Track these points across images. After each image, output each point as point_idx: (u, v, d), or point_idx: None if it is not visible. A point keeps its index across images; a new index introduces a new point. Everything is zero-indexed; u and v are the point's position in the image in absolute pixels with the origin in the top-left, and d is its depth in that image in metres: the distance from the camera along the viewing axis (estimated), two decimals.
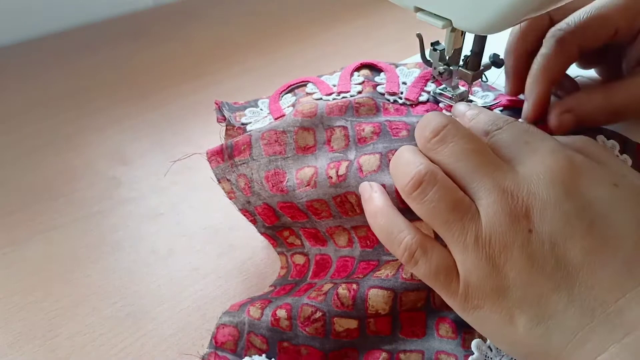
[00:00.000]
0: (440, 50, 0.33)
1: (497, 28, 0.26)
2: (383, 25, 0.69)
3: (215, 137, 0.51)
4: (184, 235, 0.39)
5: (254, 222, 0.35)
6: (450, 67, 0.33)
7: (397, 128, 0.32)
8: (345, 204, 0.31)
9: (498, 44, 0.35)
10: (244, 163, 0.33)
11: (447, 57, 0.33)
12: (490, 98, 0.35)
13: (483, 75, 0.34)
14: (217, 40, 0.67)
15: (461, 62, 0.33)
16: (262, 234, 0.35)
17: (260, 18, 0.73)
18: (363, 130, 0.32)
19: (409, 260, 0.25)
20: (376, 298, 0.28)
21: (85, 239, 0.39)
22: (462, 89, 0.34)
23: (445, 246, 0.25)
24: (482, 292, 0.23)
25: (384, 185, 0.29)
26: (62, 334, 0.33)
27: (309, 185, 0.31)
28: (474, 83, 0.35)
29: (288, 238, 0.35)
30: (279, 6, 0.76)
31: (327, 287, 0.30)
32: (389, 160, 0.30)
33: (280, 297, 0.31)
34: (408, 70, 0.37)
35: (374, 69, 0.38)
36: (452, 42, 0.32)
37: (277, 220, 0.34)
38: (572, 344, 0.21)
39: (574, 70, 0.36)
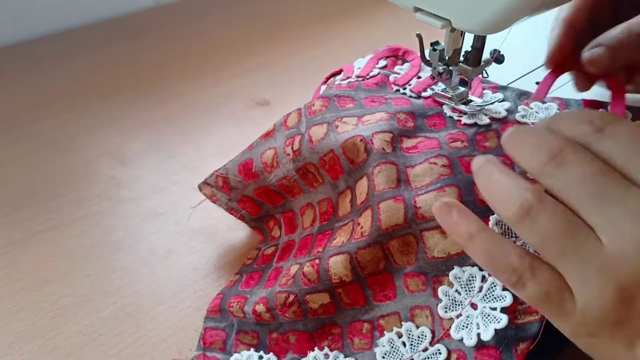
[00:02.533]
0: (439, 50, 0.33)
1: (496, 28, 0.26)
2: (383, 25, 0.69)
3: (215, 137, 0.51)
4: (184, 235, 0.39)
5: (242, 218, 0.38)
6: (450, 67, 0.33)
7: (343, 100, 0.35)
8: (307, 175, 0.34)
9: (499, 40, 0.35)
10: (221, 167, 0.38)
11: (446, 57, 0.33)
12: (488, 97, 0.35)
13: (484, 71, 0.34)
14: (217, 40, 0.67)
15: (462, 58, 0.33)
16: (252, 228, 0.39)
17: (260, 18, 0.73)
18: (313, 105, 0.35)
19: (517, 282, 0.23)
20: (336, 265, 0.29)
21: (85, 239, 0.40)
22: (461, 89, 0.34)
23: None
24: (603, 323, 0.21)
25: (337, 157, 0.32)
26: (62, 334, 0.33)
27: (272, 166, 0.35)
28: (479, 85, 0.35)
29: (272, 230, 0.38)
30: (279, 6, 0.76)
31: (293, 269, 0.31)
32: (336, 127, 0.32)
33: (253, 291, 0.33)
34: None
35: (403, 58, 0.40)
36: (451, 42, 0.32)
37: (260, 209, 0.38)
38: None
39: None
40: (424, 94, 0.36)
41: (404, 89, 0.37)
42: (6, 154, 0.49)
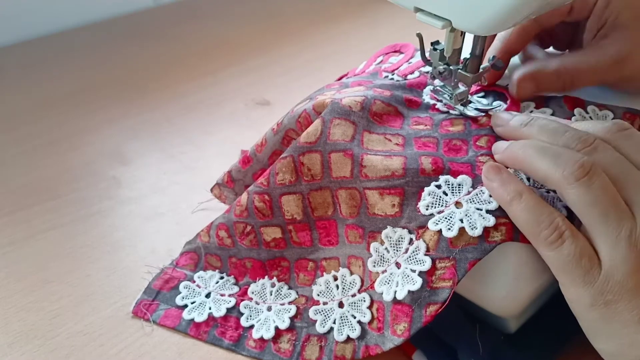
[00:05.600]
0: (440, 50, 0.33)
1: (496, 28, 0.26)
2: (383, 25, 0.69)
3: (215, 137, 0.51)
4: (184, 235, 0.39)
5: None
6: (450, 67, 0.33)
7: (331, 85, 0.38)
8: (285, 140, 0.36)
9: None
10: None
11: (446, 57, 0.33)
12: (489, 100, 0.35)
13: (482, 78, 0.34)
14: (217, 40, 0.67)
15: (460, 65, 0.33)
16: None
17: (260, 18, 0.73)
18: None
19: (557, 239, 0.25)
20: (288, 203, 0.33)
21: (85, 239, 0.40)
22: (462, 88, 0.34)
23: None
24: (622, 288, 0.23)
25: (308, 114, 0.34)
26: (62, 334, 0.33)
27: (262, 144, 0.37)
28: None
29: None
30: (279, 6, 0.76)
31: (244, 198, 0.35)
32: (315, 98, 0.34)
33: (217, 218, 0.37)
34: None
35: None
36: (451, 42, 0.32)
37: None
38: None
39: None
40: (410, 77, 0.37)
41: (393, 74, 0.38)
42: (6, 154, 0.49)
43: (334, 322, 0.31)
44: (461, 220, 0.27)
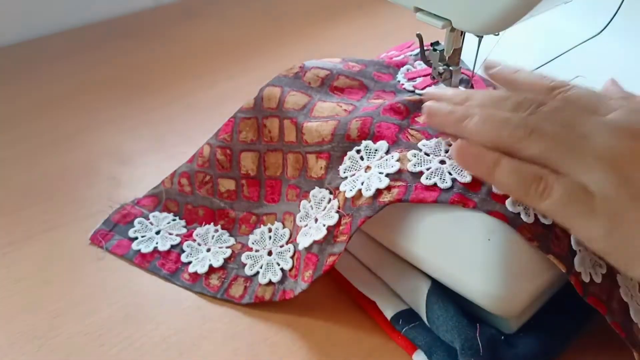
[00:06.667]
0: (439, 51, 0.33)
1: (496, 28, 0.27)
2: (383, 25, 0.69)
3: None
4: None
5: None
6: (450, 67, 0.33)
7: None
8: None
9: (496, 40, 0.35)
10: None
11: (446, 57, 0.33)
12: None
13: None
14: (217, 40, 0.67)
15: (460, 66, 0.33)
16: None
17: (260, 18, 0.73)
18: None
19: (545, 187, 0.25)
20: (246, 159, 0.38)
21: (86, 239, 0.39)
22: (461, 88, 0.34)
23: None
24: (622, 201, 0.24)
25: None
26: (62, 334, 0.33)
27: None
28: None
29: None
30: (279, 7, 0.76)
31: (206, 151, 0.39)
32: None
33: (180, 167, 0.41)
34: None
35: None
36: (451, 42, 0.32)
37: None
38: None
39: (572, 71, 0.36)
40: (396, 58, 0.40)
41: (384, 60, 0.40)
42: (6, 154, 0.49)
43: (261, 267, 0.35)
44: (362, 183, 0.30)
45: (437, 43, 0.33)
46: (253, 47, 0.65)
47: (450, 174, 0.29)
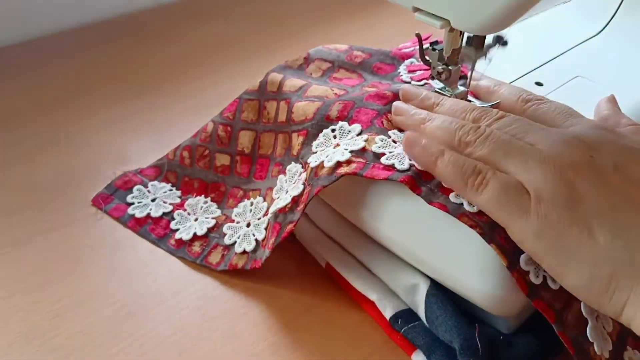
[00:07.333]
0: (439, 50, 0.33)
1: (495, 28, 0.27)
2: (382, 25, 0.69)
3: None
4: None
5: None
6: (449, 67, 0.33)
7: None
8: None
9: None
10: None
11: (445, 57, 0.33)
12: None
13: (486, 57, 0.34)
14: (217, 40, 0.67)
15: (464, 42, 0.33)
16: None
17: (260, 18, 0.73)
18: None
19: (482, 180, 0.26)
20: (244, 137, 0.41)
21: (85, 239, 0.40)
22: (461, 88, 0.34)
23: None
24: (556, 204, 0.24)
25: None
26: (62, 334, 0.33)
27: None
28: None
29: None
30: (279, 6, 0.76)
31: (210, 127, 0.43)
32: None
33: (185, 141, 0.44)
34: None
35: None
36: (450, 42, 0.32)
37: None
38: None
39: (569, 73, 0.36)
40: (405, 50, 0.41)
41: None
42: (6, 154, 0.49)
43: (239, 237, 0.37)
44: (327, 156, 0.32)
45: (436, 43, 0.33)
46: (253, 47, 0.65)
47: (410, 160, 0.30)
